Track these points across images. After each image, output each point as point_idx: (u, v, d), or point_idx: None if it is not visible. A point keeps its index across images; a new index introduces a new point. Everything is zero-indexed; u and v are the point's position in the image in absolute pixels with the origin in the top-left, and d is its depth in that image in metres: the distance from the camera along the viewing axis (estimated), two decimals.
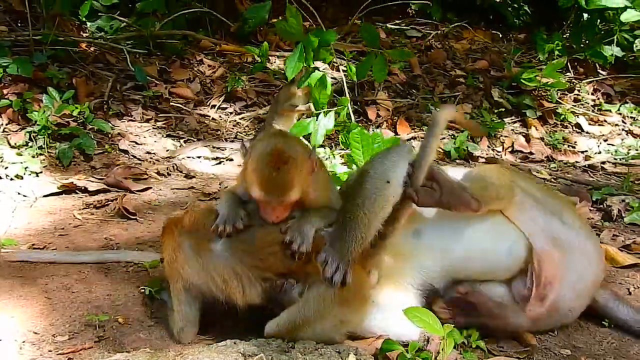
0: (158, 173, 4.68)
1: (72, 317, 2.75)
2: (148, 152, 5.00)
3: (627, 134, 6.23)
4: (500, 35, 8.01)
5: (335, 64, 5.96)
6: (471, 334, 2.48)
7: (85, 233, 3.64)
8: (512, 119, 6.17)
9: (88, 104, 5.02)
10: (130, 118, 5.32)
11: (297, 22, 4.34)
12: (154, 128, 5.30)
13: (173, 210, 4.06)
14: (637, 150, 5.80)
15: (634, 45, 6.71)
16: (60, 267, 3.17)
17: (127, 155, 4.87)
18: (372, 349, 2.35)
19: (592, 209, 4.25)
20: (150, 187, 4.39)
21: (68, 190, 4.20)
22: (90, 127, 4.92)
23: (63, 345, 2.54)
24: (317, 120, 4.47)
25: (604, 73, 7.07)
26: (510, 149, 5.72)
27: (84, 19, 6.15)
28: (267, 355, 2.19)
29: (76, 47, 5.77)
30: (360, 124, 5.73)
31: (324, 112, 4.50)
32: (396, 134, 5.62)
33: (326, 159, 4.74)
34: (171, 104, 5.64)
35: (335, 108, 4.64)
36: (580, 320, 2.76)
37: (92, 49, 5.93)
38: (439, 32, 7.66)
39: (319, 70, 4.60)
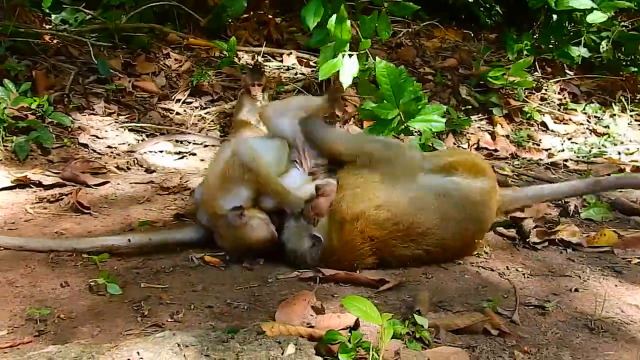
0: (117, 167, 4.62)
1: (13, 311, 2.67)
2: (109, 147, 4.93)
3: (590, 133, 6.30)
4: (472, 35, 8.05)
5: None
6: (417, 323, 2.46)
7: (35, 227, 3.56)
8: (479, 117, 6.20)
9: (47, 96, 4.93)
10: (91, 112, 5.24)
11: None
12: (116, 122, 5.22)
13: (130, 204, 4.00)
14: (599, 148, 5.87)
15: (601, 47, 6.78)
16: (4, 262, 3.09)
17: (86, 150, 4.80)
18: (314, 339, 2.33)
19: (550, 204, 4.27)
20: (108, 182, 4.32)
21: (22, 184, 4.11)
22: (50, 120, 4.84)
23: (1, 340, 2.47)
24: (342, 59, 4.47)
25: (570, 73, 7.14)
26: (475, 146, 5.74)
27: (47, 11, 6.06)
28: (204, 346, 2.15)
29: (38, 39, 5.67)
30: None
31: (348, 54, 4.47)
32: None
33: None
34: (135, 97, 5.57)
35: (357, 52, 4.62)
36: (527, 310, 2.77)
37: (54, 41, 5.83)
38: (411, 30, 7.67)
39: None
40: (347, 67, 4.47)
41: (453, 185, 3.27)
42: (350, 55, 4.47)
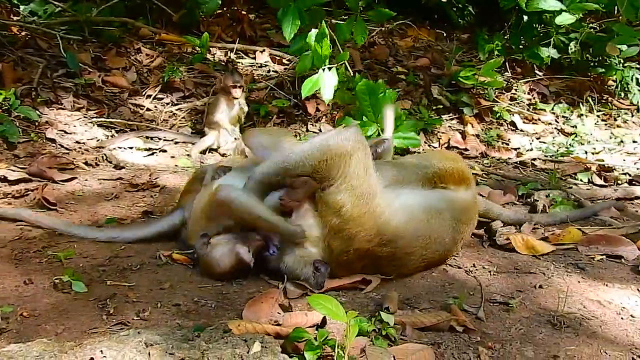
0: (86, 163, 4.54)
1: None
2: (77, 142, 4.85)
3: (558, 133, 6.41)
4: (444, 35, 8.12)
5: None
6: (384, 320, 2.48)
7: None
8: (449, 116, 6.26)
9: (14, 90, 4.83)
10: (60, 106, 5.15)
11: None
12: (85, 117, 5.14)
13: (97, 201, 3.95)
14: (566, 148, 5.98)
15: (569, 48, 6.90)
16: None
17: (54, 145, 4.71)
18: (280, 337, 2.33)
19: (517, 203, 4.35)
20: (76, 178, 4.25)
21: None
22: (16, 114, 4.74)
23: None
24: (323, 74, 4.49)
25: (540, 74, 7.26)
26: (446, 145, 5.80)
27: (16, 2, 5.93)
28: (169, 344, 2.13)
29: (5, 30, 5.55)
30: (298, 119, 5.77)
31: (327, 67, 4.49)
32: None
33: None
34: (105, 92, 5.49)
35: (336, 64, 4.65)
36: (493, 307, 2.81)
37: (23, 33, 5.71)
38: (384, 29, 7.70)
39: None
40: (327, 81, 4.52)
41: (445, 204, 3.25)
42: (329, 69, 4.50)
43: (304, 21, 4.46)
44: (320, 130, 5.64)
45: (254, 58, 6.52)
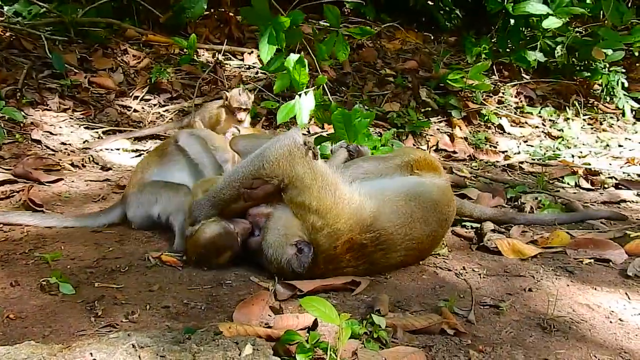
0: (72, 164, 4.50)
1: None
2: (63, 143, 4.81)
3: (545, 136, 6.47)
4: (432, 37, 8.17)
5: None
6: (375, 323, 2.47)
7: None
8: (438, 119, 6.29)
9: None
10: (45, 107, 5.11)
11: (264, 6, 4.35)
12: (70, 118, 5.09)
13: (84, 202, 3.91)
14: (553, 151, 6.02)
15: (556, 52, 6.96)
16: None
17: (39, 146, 4.67)
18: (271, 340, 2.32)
19: (506, 206, 4.37)
20: (62, 179, 4.21)
21: None
22: (1, 115, 4.67)
23: None
24: (299, 100, 4.49)
25: (527, 77, 7.32)
26: (434, 148, 5.82)
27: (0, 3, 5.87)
28: (160, 347, 2.11)
29: None
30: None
31: (304, 92, 4.48)
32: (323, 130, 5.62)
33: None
34: (91, 93, 5.44)
35: (313, 88, 4.64)
36: (483, 310, 2.81)
37: (7, 34, 5.65)
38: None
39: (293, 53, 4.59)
40: (304, 105, 4.52)
41: (423, 187, 3.30)
42: (306, 93, 4.51)
43: (280, 42, 4.47)
44: (309, 131, 5.64)
45: (242, 60, 6.51)
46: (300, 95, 4.51)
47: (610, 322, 2.80)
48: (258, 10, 4.40)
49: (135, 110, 5.47)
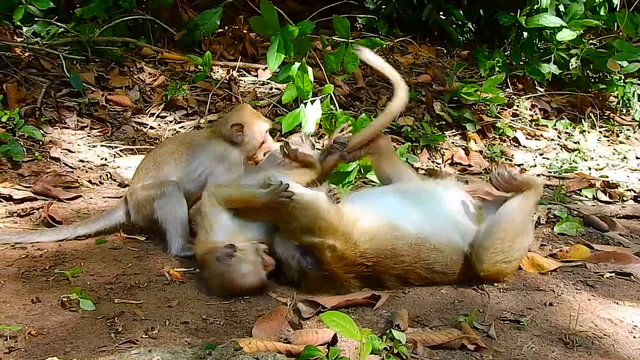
0: (90, 181, 4.55)
1: None
2: (81, 160, 4.86)
3: (561, 149, 6.42)
4: (445, 51, 8.16)
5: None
6: (395, 338, 2.46)
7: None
8: (452, 132, 6.28)
9: (18, 109, 4.86)
10: (63, 125, 5.16)
11: (272, 16, 4.39)
12: (88, 136, 5.15)
13: None
14: (570, 164, 5.98)
15: (570, 64, 6.93)
16: None
17: (58, 163, 4.72)
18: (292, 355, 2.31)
19: None
20: (81, 196, 4.25)
21: None
22: (20, 133, 4.75)
23: None
24: (304, 108, 4.52)
25: (541, 90, 7.28)
26: (450, 161, 5.80)
27: (19, 24, 5.96)
28: None
29: (9, 51, 5.58)
30: None
31: (310, 100, 4.50)
32: None
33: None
34: (108, 111, 5.50)
35: (320, 96, 4.66)
36: (503, 325, 2.79)
37: (26, 54, 5.74)
38: (385, 45, 7.74)
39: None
40: (310, 115, 4.53)
41: (424, 193, 3.44)
42: (312, 102, 4.52)
43: (289, 52, 4.49)
44: (322, 146, 5.64)
45: (256, 76, 6.55)
46: (305, 104, 4.51)
47: (634, 337, 2.76)
48: (267, 20, 4.42)
49: (151, 127, 5.51)
